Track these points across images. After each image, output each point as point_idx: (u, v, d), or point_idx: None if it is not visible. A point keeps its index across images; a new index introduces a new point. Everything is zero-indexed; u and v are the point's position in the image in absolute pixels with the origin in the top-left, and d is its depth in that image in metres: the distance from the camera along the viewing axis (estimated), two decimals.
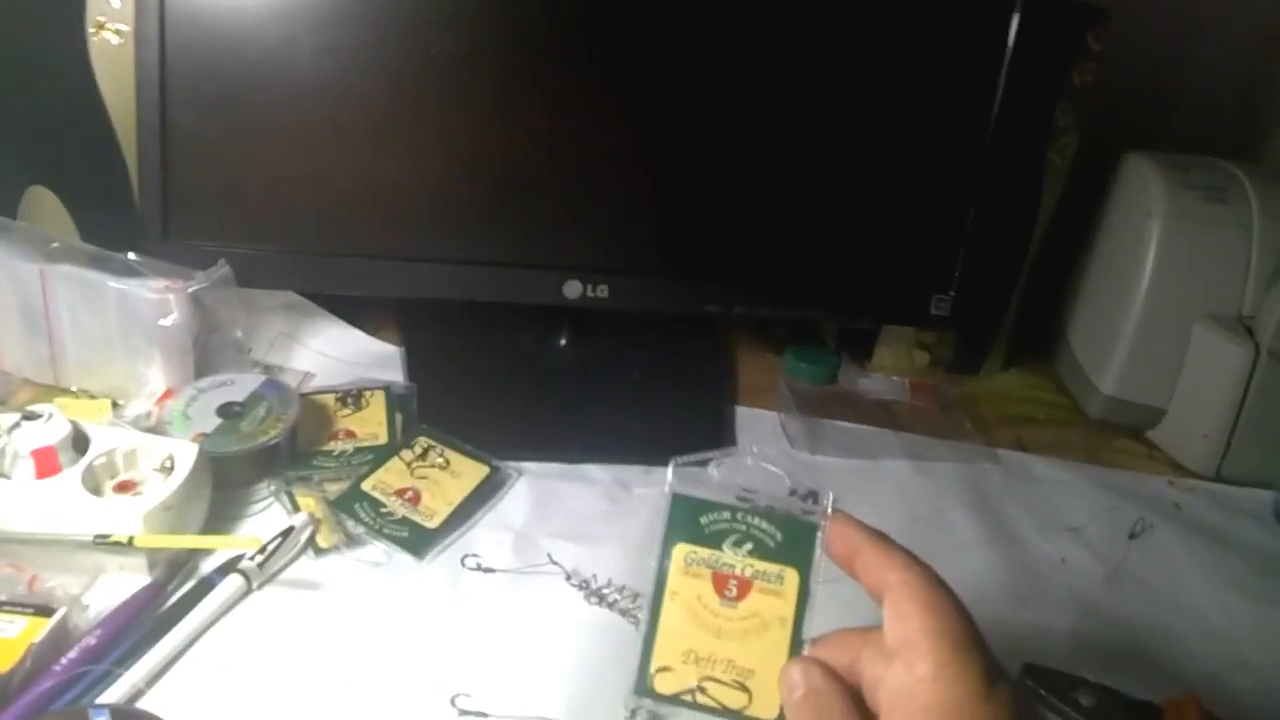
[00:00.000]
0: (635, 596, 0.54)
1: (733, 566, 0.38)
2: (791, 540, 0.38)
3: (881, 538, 0.35)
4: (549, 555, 0.56)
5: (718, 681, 0.36)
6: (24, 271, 0.61)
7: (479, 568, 0.55)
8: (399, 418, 0.65)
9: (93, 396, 0.64)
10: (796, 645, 0.36)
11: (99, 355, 0.63)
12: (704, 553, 0.38)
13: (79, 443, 0.54)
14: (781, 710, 0.35)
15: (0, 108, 0.68)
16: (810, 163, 0.71)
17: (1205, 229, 0.77)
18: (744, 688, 0.36)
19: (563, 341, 0.79)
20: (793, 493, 0.39)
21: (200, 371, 0.64)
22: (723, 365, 0.83)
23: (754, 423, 0.76)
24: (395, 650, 0.49)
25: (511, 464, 0.63)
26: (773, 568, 0.37)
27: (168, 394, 0.62)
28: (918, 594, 0.33)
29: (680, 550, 0.38)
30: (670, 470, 0.39)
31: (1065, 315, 0.91)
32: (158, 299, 0.60)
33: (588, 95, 0.67)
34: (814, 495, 0.39)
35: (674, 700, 0.36)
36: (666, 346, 0.82)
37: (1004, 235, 0.81)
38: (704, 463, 0.39)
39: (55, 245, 0.62)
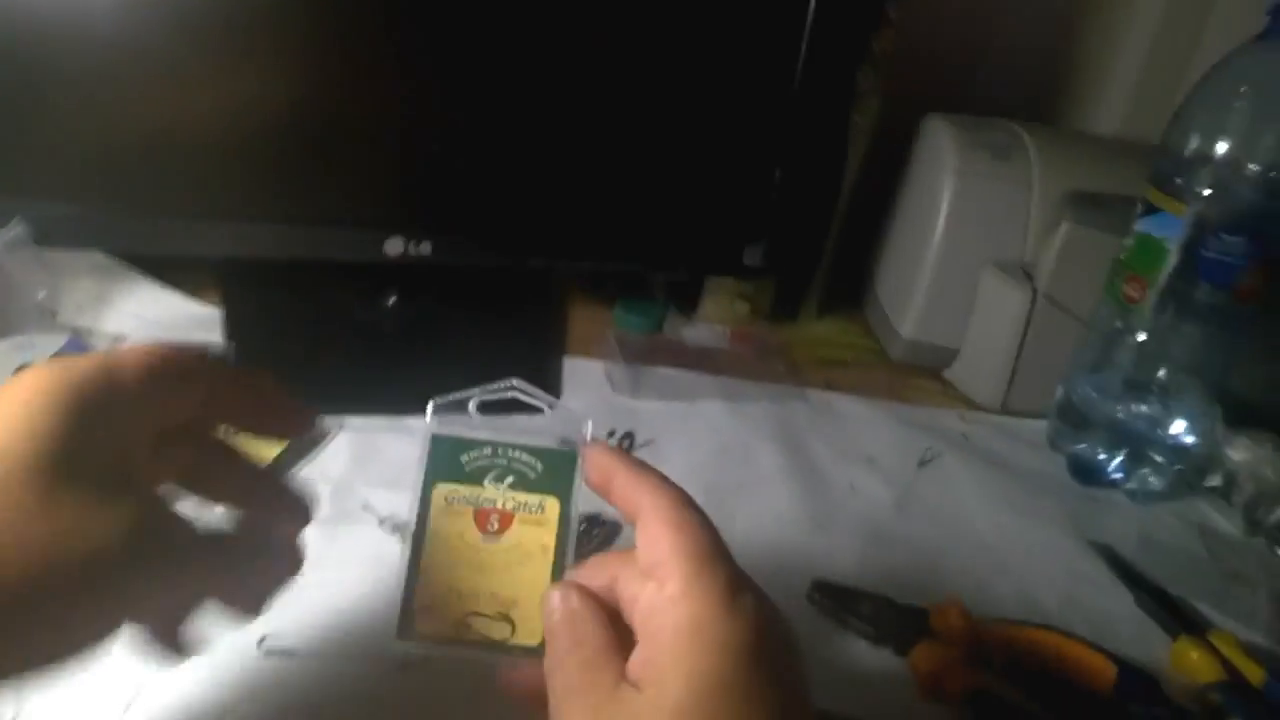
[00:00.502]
0: None
1: (494, 501, 0.38)
2: (552, 471, 0.39)
3: (636, 464, 0.37)
4: (364, 503, 0.58)
5: (481, 615, 0.37)
6: None
7: None
8: None
9: None
10: (558, 572, 0.38)
11: None
12: (465, 490, 0.38)
13: None
14: (543, 637, 0.35)
15: None
16: (620, 117, 0.73)
17: (991, 184, 0.84)
18: (508, 619, 0.37)
19: (391, 300, 0.80)
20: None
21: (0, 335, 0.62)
22: (553, 319, 0.85)
23: (580, 372, 0.79)
24: None
25: (332, 419, 0.64)
26: (533, 498, 0.38)
27: None
28: (667, 515, 0.34)
29: (441, 490, 0.38)
30: (429, 411, 0.39)
31: (873, 266, 0.97)
32: None
33: (398, 48, 0.67)
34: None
35: (436, 640, 0.37)
36: (498, 302, 0.84)
37: (813, 190, 0.86)
38: (463, 402, 0.40)
39: None
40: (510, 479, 0.39)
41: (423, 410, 0.39)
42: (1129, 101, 1.01)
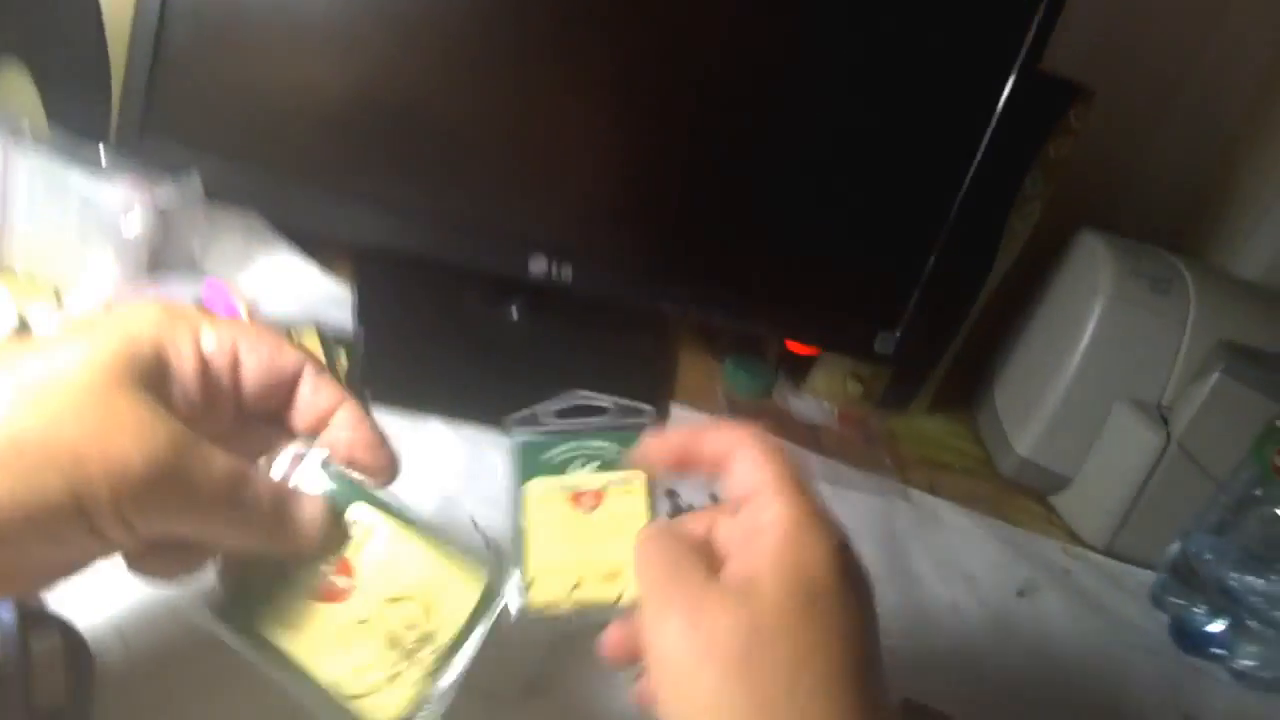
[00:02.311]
0: None
1: (584, 485, 0.42)
2: (628, 449, 0.42)
3: (703, 426, 0.39)
4: (472, 519, 0.58)
5: (589, 582, 0.40)
6: None
7: None
8: (342, 355, 0.65)
9: (35, 281, 0.62)
10: None
11: (50, 241, 0.61)
12: (555, 481, 0.42)
13: (21, 330, 0.53)
14: None
15: None
16: (792, 185, 0.72)
17: (1144, 316, 0.81)
18: (615, 581, 0.40)
19: (514, 313, 0.80)
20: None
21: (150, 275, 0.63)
22: (665, 362, 0.84)
23: (686, 422, 0.77)
24: None
25: (445, 421, 0.64)
26: (618, 474, 0.42)
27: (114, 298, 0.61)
28: (759, 447, 0.37)
29: (533, 488, 0.42)
30: (509, 424, 0.45)
31: (996, 371, 0.95)
32: (123, 200, 0.59)
33: (593, 76, 0.67)
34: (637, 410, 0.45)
35: (548, 608, 0.39)
36: (615, 335, 0.83)
37: (956, 287, 0.84)
38: (533, 417, 0.44)
39: (24, 123, 0.60)
40: (595, 463, 0.42)
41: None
42: (1277, 248, 0.97)
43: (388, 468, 0.37)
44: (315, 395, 0.37)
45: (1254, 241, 0.99)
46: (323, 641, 0.35)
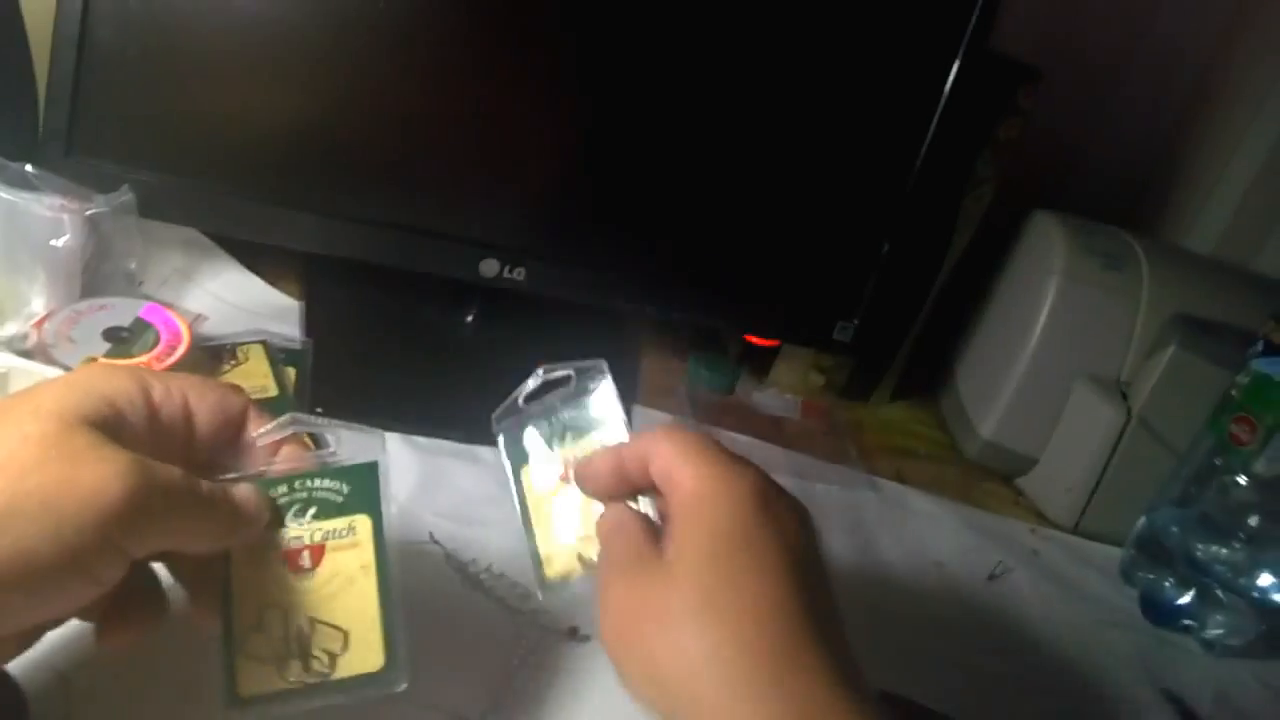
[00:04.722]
0: (514, 584, 0.54)
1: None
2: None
3: (618, 446, 0.42)
4: (430, 534, 0.56)
5: (590, 547, 0.41)
6: None
7: None
8: (292, 372, 0.64)
9: None
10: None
11: None
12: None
13: None
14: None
15: None
16: (740, 176, 0.71)
17: (1098, 294, 0.81)
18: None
19: (469, 319, 0.78)
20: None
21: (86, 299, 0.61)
22: (626, 363, 0.83)
23: (650, 422, 0.76)
24: None
25: (401, 436, 0.63)
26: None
27: (47, 317, 0.59)
28: (659, 436, 0.39)
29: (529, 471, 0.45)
30: (495, 423, 0.46)
31: (956, 356, 0.94)
32: (51, 217, 0.57)
33: (531, 75, 0.66)
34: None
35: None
36: (574, 337, 0.81)
37: (911, 273, 0.84)
38: (514, 405, 0.46)
39: None
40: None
41: (486, 440, 0.45)
42: (1227, 222, 0.98)
43: None
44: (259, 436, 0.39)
45: (1204, 216, 1.00)
46: (257, 585, 0.36)
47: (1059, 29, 0.94)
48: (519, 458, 0.45)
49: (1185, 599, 0.72)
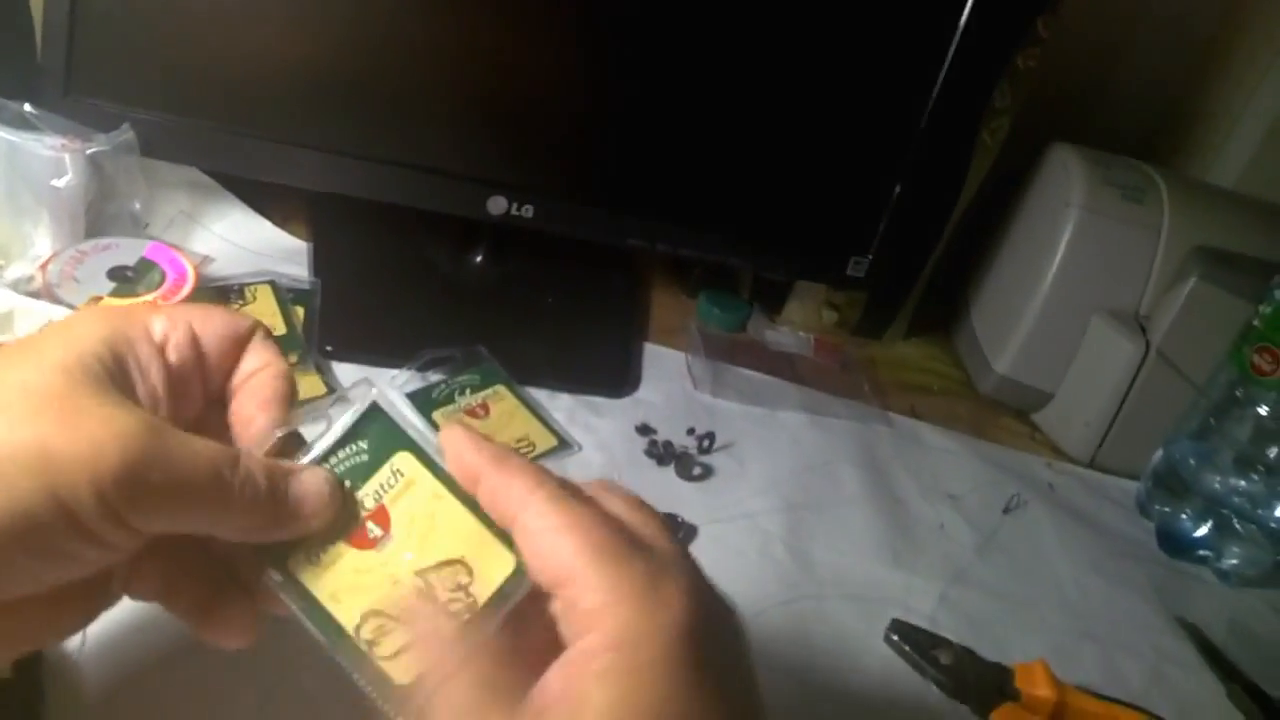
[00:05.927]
0: None
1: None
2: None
3: (498, 457, 0.32)
4: None
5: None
6: None
7: None
8: (300, 311, 0.63)
9: None
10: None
11: None
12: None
13: None
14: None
15: None
16: (751, 110, 0.70)
17: (1118, 226, 0.79)
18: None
19: (479, 258, 0.77)
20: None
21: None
22: (637, 301, 0.82)
23: (660, 360, 0.76)
24: None
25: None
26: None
27: (52, 258, 0.58)
28: (550, 521, 0.30)
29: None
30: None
31: (971, 292, 0.93)
32: (53, 157, 0.56)
33: (539, 7, 0.64)
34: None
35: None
36: (583, 276, 0.81)
37: (926, 207, 0.82)
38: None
39: None
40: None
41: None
42: (1250, 156, 0.96)
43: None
44: (251, 356, 0.36)
45: (1226, 150, 0.98)
46: (346, 585, 0.33)
47: None
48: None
49: (1202, 530, 0.72)
